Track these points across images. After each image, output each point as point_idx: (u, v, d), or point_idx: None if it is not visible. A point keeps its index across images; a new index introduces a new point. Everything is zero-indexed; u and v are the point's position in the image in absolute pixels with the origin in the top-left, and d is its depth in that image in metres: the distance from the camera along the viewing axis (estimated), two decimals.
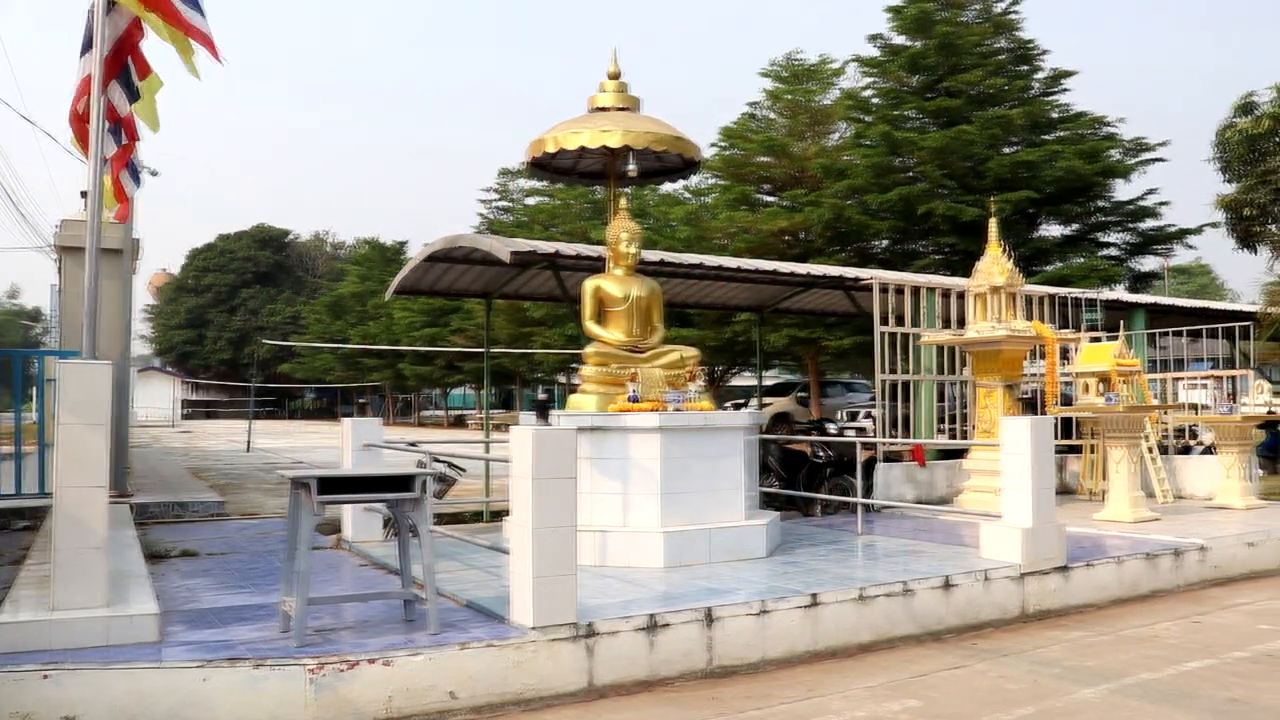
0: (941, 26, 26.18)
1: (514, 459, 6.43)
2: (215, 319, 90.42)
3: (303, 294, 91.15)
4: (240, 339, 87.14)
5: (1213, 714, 5.76)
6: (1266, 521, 11.40)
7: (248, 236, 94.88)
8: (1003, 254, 12.41)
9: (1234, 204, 22.20)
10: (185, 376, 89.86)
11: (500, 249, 11.43)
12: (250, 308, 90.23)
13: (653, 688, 6.32)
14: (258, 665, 5.54)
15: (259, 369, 59.29)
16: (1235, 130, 22.10)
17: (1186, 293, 59.36)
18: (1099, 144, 26.47)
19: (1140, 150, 27.26)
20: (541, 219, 43.36)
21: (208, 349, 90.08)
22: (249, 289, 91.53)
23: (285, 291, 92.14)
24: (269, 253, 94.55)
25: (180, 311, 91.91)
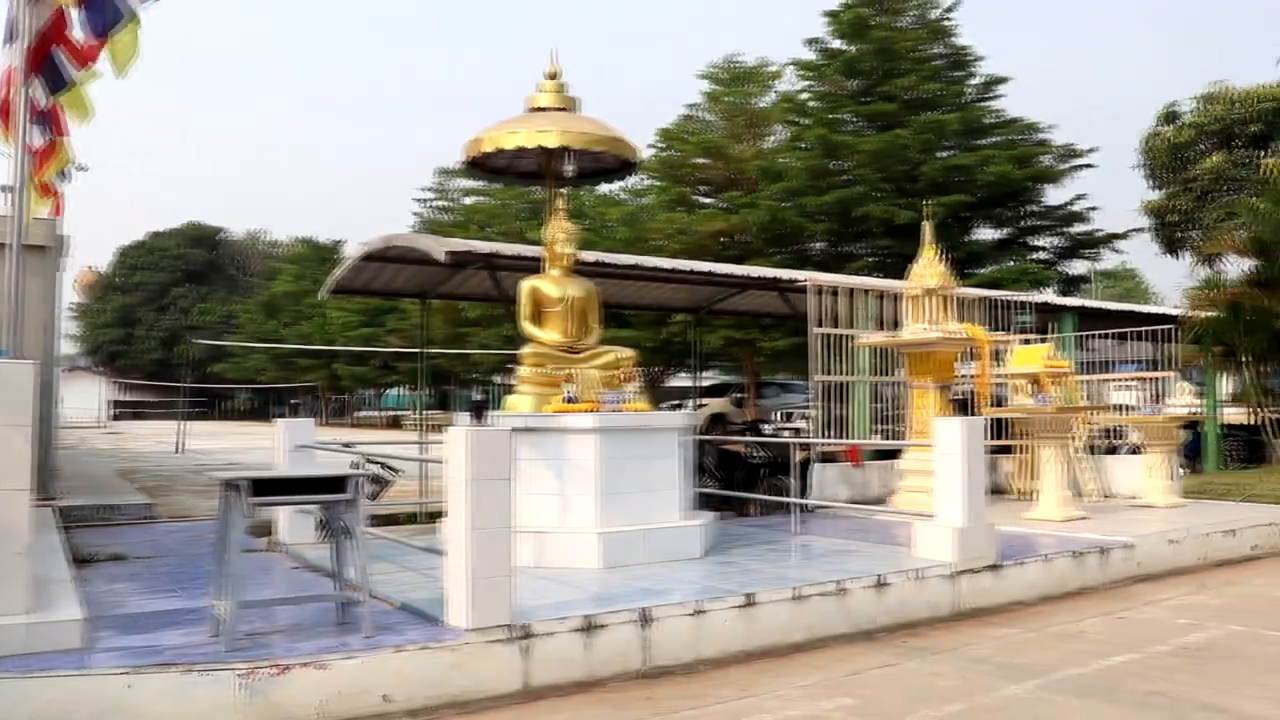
0: (878, 31, 26.48)
1: (449, 460, 6.40)
2: (145, 318, 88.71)
3: (236, 293, 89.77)
4: (171, 338, 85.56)
5: (1136, 707, 5.88)
6: (1188, 519, 11.67)
7: (179, 234, 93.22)
8: (937, 257, 12.56)
9: (1159, 210, 22.75)
10: (114, 376, 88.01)
11: (436, 249, 11.35)
12: (181, 307, 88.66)
13: (589, 688, 6.32)
14: (186, 671, 5.45)
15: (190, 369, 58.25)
16: (1160, 139, 22.66)
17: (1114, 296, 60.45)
18: (1030, 150, 26.95)
19: (1070, 156, 27.79)
20: (479, 219, 43.17)
21: (137, 349, 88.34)
22: (180, 288, 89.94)
23: (218, 290, 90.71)
24: (201, 251, 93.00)
25: (109, 310, 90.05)
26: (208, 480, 17.86)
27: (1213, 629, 7.82)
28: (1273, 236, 17.42)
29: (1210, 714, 5.74)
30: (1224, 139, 21.85)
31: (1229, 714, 5.73)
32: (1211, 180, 21.13)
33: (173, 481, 19.92)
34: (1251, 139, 21.46)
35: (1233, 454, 20.07)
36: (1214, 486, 14.94)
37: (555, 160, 10.11)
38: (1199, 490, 14.51)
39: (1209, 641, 7.44)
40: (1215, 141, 21.93)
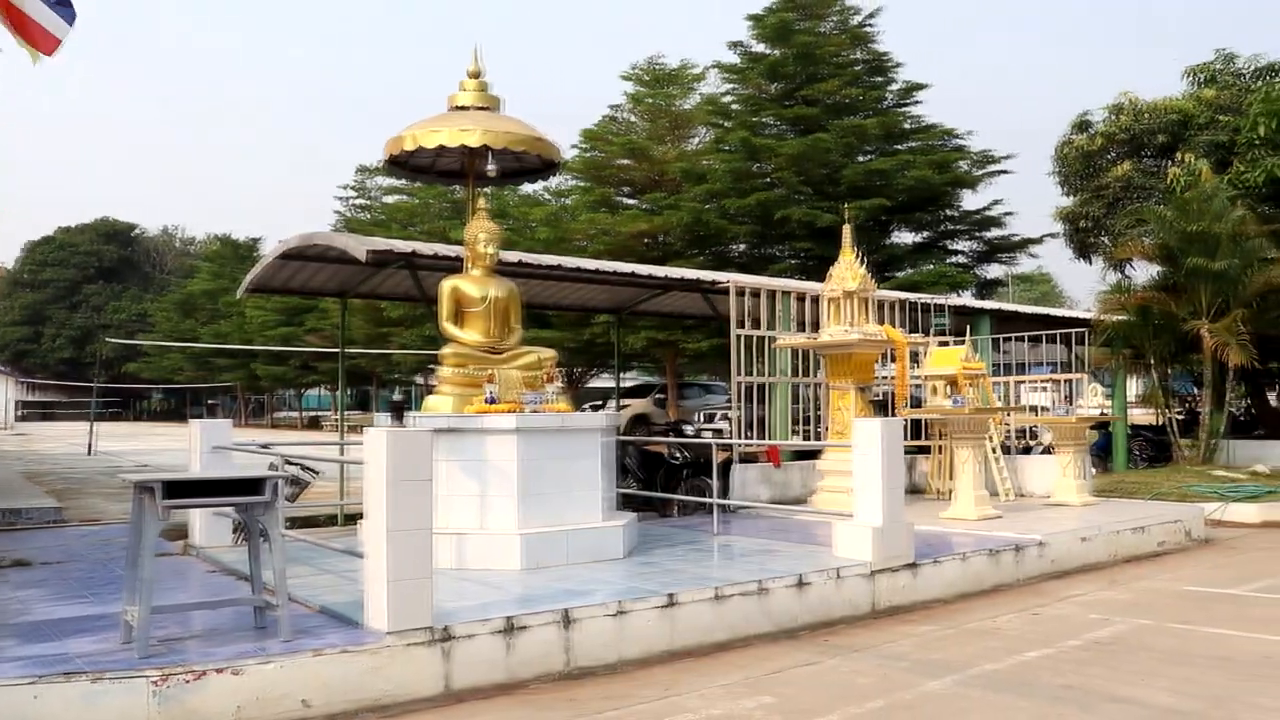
0: (801, 36, 26.71)
1: (368, 461, 6.33)
2: (55, 316, 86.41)
3: (150, 291, 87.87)
4: (83, 337, 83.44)
5: (1049, 700, 6.01)
6: (1099, 517, 11.96)
7: (90, 230, 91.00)
8: (856, 260, 12.71)
9: (1071, 216, 23.22)
10: (21, 376, 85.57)
11: (356, 247, 11.23)
12: (93, 304, 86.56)
13: (511, 690, 6.29)
14: (96, 679, 5.31)
15: (102, 368, 56.90)
16: (1073, 146, 23.13)
17: (1029, 300, 61.76)
18: (948, 155, 27.39)
19: (987, 162, 28.33)
20: (400, 218, 42.71)
21: (46, 347, 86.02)
22: (92, 285, 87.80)
23: (131, 288, 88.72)
24: (114, 247, 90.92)
25: (16, 308, 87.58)
26: (120, 483, 17.44)
27: (1122, 623, 8.02)
28: (1178, 243, 17.89)
29: (1119, 705, 5.89)
30: (1133, 148, 22.37)
31: (1137, 705, 5.89)
32: (1121, 188, 21.61)
33: (83, 484, 19.43)
34: (1158, 149, 22.01)
35: (1141, 453, 20.58)
36: (1123, 485, 15.32)
37: (477, 159, 10.05)
38: (1109, 489, 14.87)
39: (1118, 635, 7.64)
40: (1124, 150, 22.44)
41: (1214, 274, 17.30)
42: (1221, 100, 21.69)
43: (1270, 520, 13.98)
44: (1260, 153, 20.08)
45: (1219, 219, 17.55)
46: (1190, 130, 21.58)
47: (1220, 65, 23.02)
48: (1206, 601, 8.97)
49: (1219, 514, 13.86)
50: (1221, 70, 22.92)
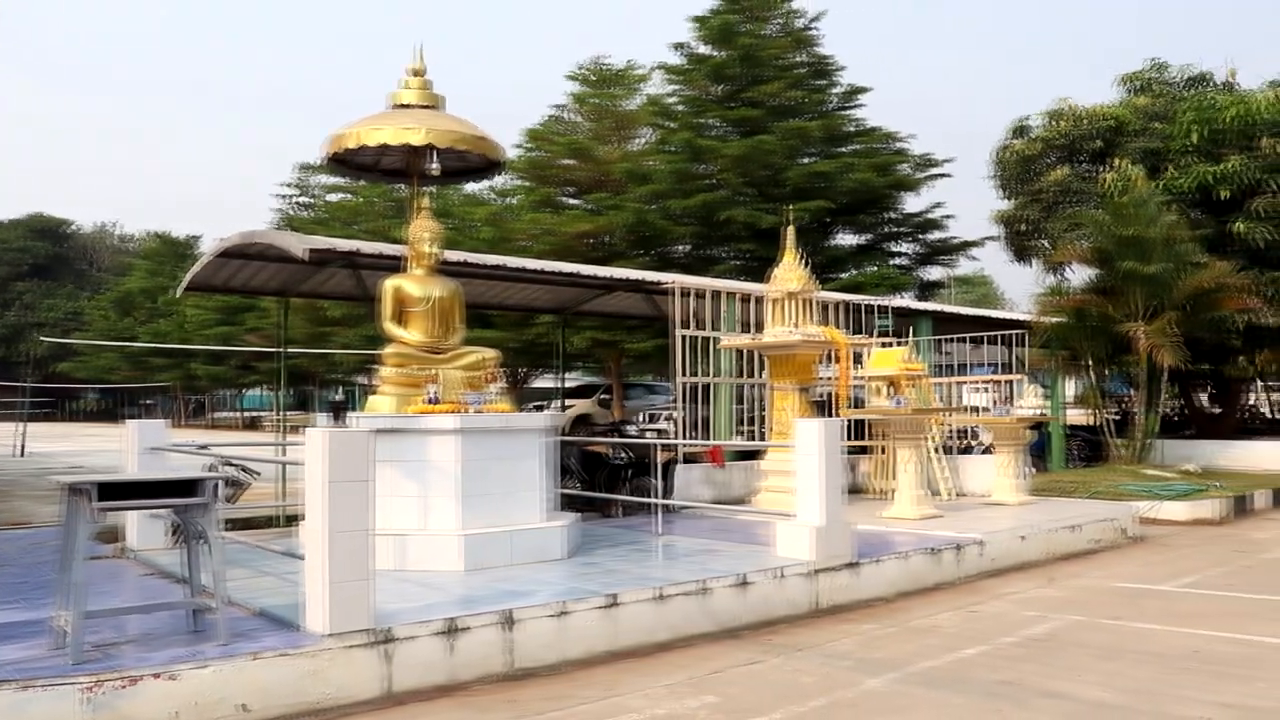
0: (744, 38, 26.84)
1: (308, 462, 6.27)
2: None
3: (85, 289, 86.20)
4: (14, 335, 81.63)
5: (985, 696, 6.10)
6: (1035, 516, 12.15)
7: (22, 225, 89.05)
8: (798, 261, 12.81)
9: (1010, 219, 23.58)
10: None
11: (297, 246, 11.13)
12: (25, 302, 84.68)
13: (452, 692, 6.27)
14: (25, 686, 5.20)
15: (34, 368, 55.79)
16: (1010, 151, 23.48)
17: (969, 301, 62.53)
18: (890, 158, 27.66)
19: (928, 165, 28.66)
20: (343, 216, 42.28)
21: None
22: (24, 282, 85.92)
23: (66, 286, 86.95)
24: (47, 244, 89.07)
25: None
26: (51, 484, 17.12)
27: (1056, 620, 8.16)
28: (1113, 247, 18.22)
29: (1052, 700, 5.99)
30: (1069, 153, 22.77)
31: (1069, 700, 5.99)
32: (1058, 192, 21.97)
33: (12, 486, 19.03)
34: (1094, 154, 22.41)
35: (1077, 453, 20.93)
36: (1059, 484, 15.58)
37: (420, 158, 9.99)
38: (1046, 488, 15.11)
39: (1053, 632, 7.77)
40: (1061, 155, 22.83)
41: (1147, 277, 17.64)
42: (1154, 108, 22.15)
43: (1199, 518, 14.30)
44: (1191, 160, 20.54)
45: (1152, 224, 17.91)
46: (1124, 137, 22.01)
47: (1153, 74, 23.50)
48: (1137, 598, 9.15)
49: (1151, 512, 14.15)
50: (1154, 79, 23.40)
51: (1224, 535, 13.18)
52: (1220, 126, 20.27)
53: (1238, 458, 19.68)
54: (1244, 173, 19.83)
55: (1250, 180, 19.86)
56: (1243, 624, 7.96)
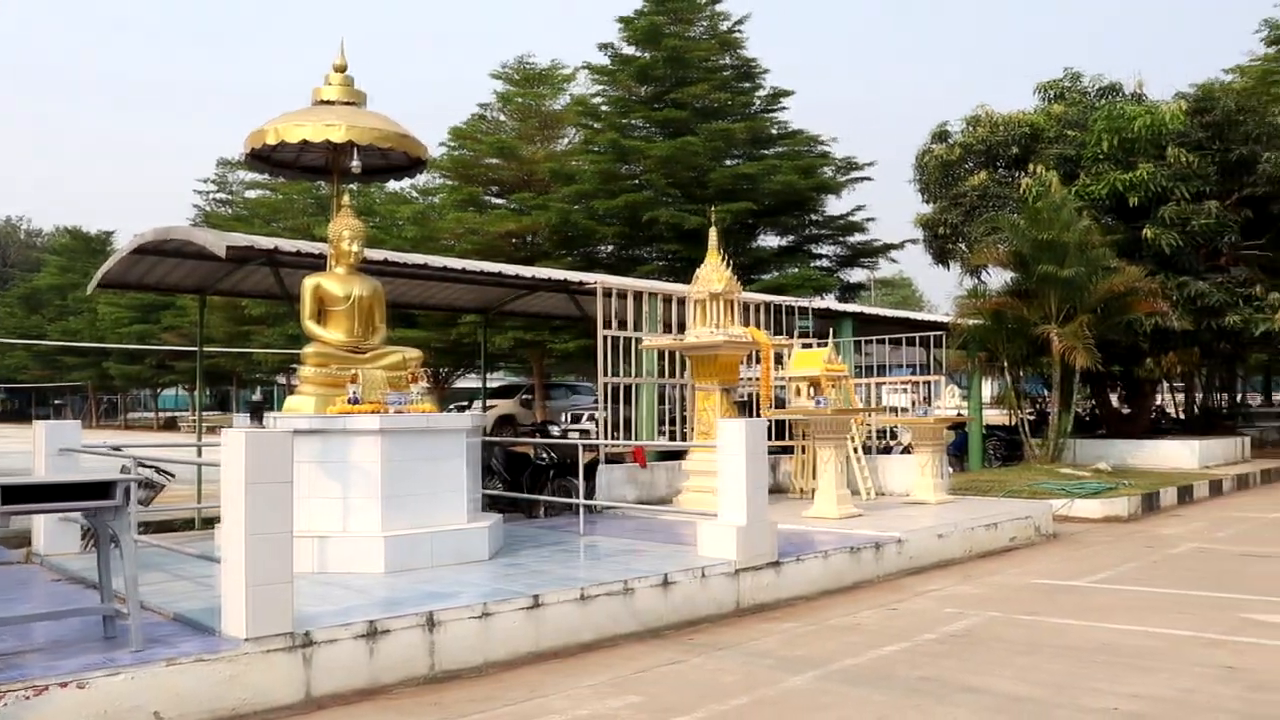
0: (670, 40, 26.95)
1: (226, 463, 6.16)
2: None
3: None
4: None
5: (906, 692, 6.19)
6: (954, 515, 12.35)
7: None
8: (722, 262, 12.88)
9: (931, 223, 23.96)
10: None
11: (215, 243, 10.94)
12: None
13: (374, 696, 6.20)
14: None
15: None
16: (932, 156, 23.86)
17: (890, 303, 63.35)
18: (813, 161, 27.98)
19: (850, 169, 29.03)
20: (263, 213, 41.65)
21: None
22: None
23: None
24: None
25: None
26: None
27: (975, 616, 8.30)
28: (1030, 251, 18.60)
29: (971, 695, 6.09)
30: (988, 159, 23.18)
31: (987, 694, 6.10)
32: (977, 197, 22.35)
33: None
34: (1012, 160, 22.84)
35: (995, 453, 21.33)
36: (978, 483, 15.85)
37: (342, 155, 9.86)
38: (965, 487, 15.37)
39: (971, 628, 7.90)
40: (981, 161, 23.23)
41: (1062, 281, 18.03)
42: (1069, 116, 22.65)
43: (1111, 515, 14.65)
44: (1103, 167, 21.05)
45: (1067, 228, 18.30)
46: (1041, 143, 22.47)
47: (1068, 83, 24.03)
48: (1052, 593, 9.34)
49: (1066, 510, 14.47)
50: (1069, 88, 23.93)
51: (1134, 532, 13.52)
52: (1131, 135, 20.79)
53: (1147, 457, 20.21)
54: (1153, 181, 20.37)
55: (1159, 188, 20.40)
56: (1150, 617, 8.17)
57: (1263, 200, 21.59)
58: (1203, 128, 21.39)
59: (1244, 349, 23.53)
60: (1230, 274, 21.20)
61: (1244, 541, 12.52)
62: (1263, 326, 20.31)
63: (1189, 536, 13.01)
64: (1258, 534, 13.20)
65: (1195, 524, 14.24)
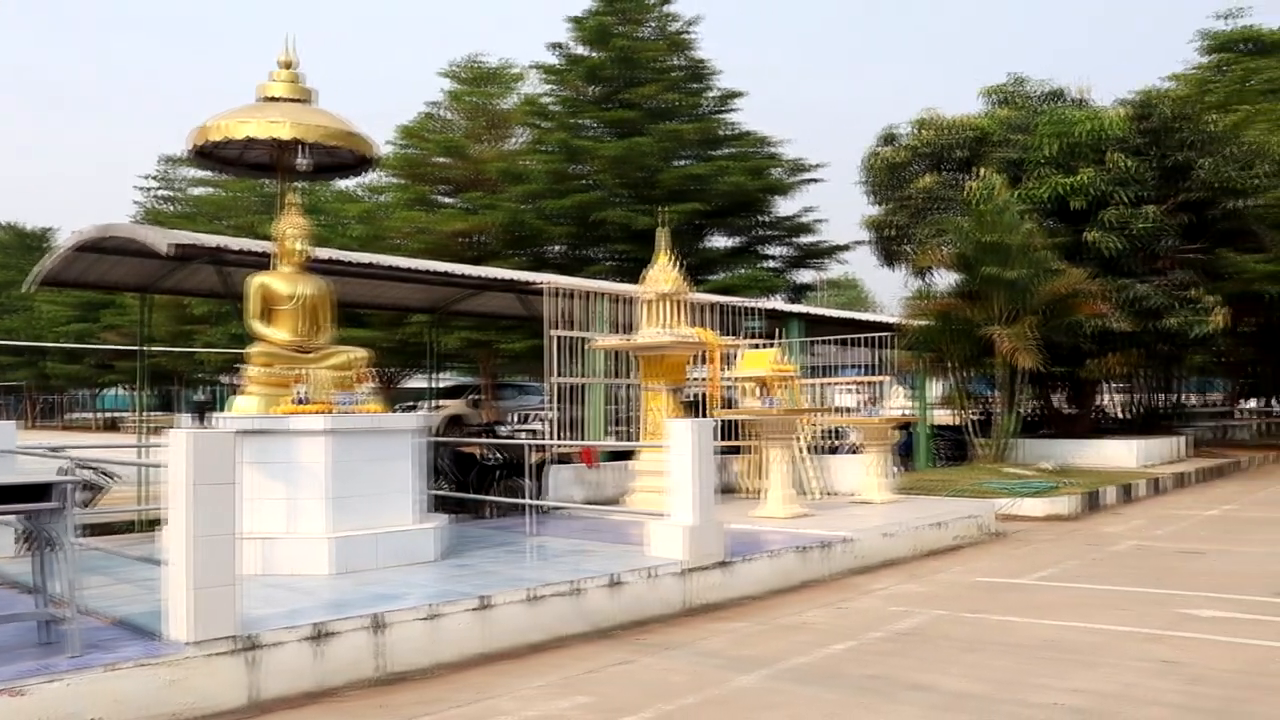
0: (620, 40, 26.97)
1: (170, 464, 6.07)
2: None
3: None
4: None
5: (853, 691, 6.23)
6: (901, 514, 12.45)
7: None
8: (672, 263, 12.90)
9: (878, 224, 24.17)
10: None
11: (159, 241, 10.79)
12: None
13: (321, 699, 6.14)
14: None
15: None
16: (879, 158, 24.06)
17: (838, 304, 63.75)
18: (763, 162, 28.12)
19: (799, 170, 29.20)
20: (208, 211, 41.17)
21: None
22: None
23: None
24: None
25: None
26: None
27: (921, 615, 8.38)
28: (975, 253, 18.82)
29: (918, 692, 6.15)
30: (935, 161, 23.40)
31: (934, 691, 6.16)
32: (924, 199, 22.55)
33: None
34: (958, 163, 23.07)
35: (941, 452, 21.53)
36: (925, 483, 16.00)
37: (288, 153, 9.74)
38: (912, 487, 15.51)
39: (918, 626, 7.98)
40: (927, 163, 23.44)
41: (1007, 283, 18.25)
42: (1015, 120, 22.94)
43: (1054, 514, 14.86)
44: (1048, 171, 21.35)
45: (1011, 231, 18.54)
46: (987, 147, 22.74)
47: (1013, 87, 24.35)
48: (997, 591, 9.46)
49: (1011, 509, 14.65)
50: (1014, 92, 24.25)
51: (1077, 530, 13.72)
52: (1075, 140, 21.11)
53: (1090, 456, 20.51)
54: (1095, 185, 20.70)
55: (1100, 192, 20.74)
56: (1092, 614, 8.30)
57: (1200, 205, 22.03)
58: (1142, 134, 21.78)
59: (1183, 350, 23.96)
60: (1169, 277, 21.59)
61: (1182, 539, 12.75)
62: (1200, 328, 20.70)
63: (1129, 534, 13.22)
64: (1195, 531, 13.45)
65: (1135, 522, 14.48)
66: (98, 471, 11.28)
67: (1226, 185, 21.58)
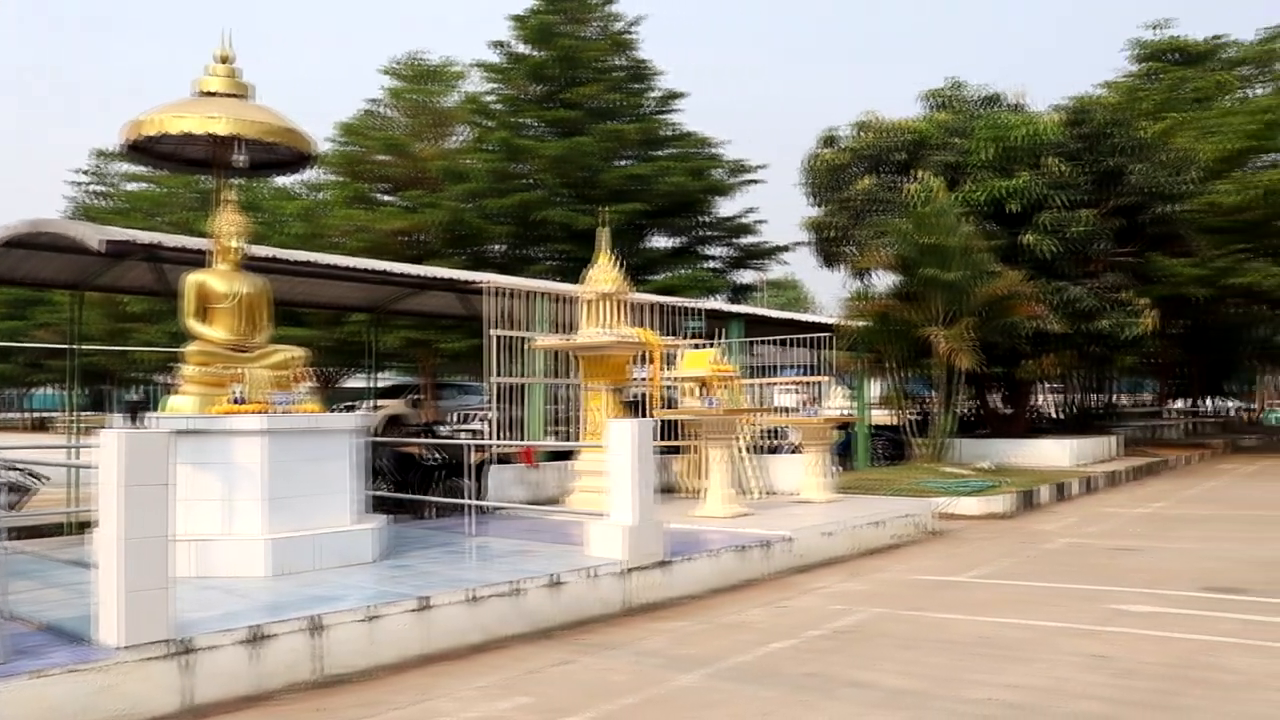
0: (563, 39, 26.94)
1: (102, 465, 5.96)
2: None
3: None
4: None
5: (793, 688, 6.28)
6: (841, 513, 12.55)
7: None
8: (613, 263, 12.91)
9: (819, 226, 24.34)
10: None
11: (92, 237, 10.59)
12: None
13: (257, 703, 6.07)
14: None
15: None
16: (820, 160, 24.23)
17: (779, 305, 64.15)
18: (704, 163, 28.23)
19: (741, 171, 29.34)
20: (144, 207, 40.38)
21: None
22: None
23: None
24: None
25: None
26: None
27: (861, 613, 8.46)
28: (914, 254, 19.03)
29: (856, 690, 6.21)
30: (875, 164, 23.59)
31: (872, 688, 6.23)
32: (864, 201, 22.73)
33: None
34: (898, 166, 23.29)
35: (881, 452, 21.76)
36: (864, 482, 16.15)
37: (226, 149, 9.60)
38: (851, 486, 15.64)
39: (857, 624, 8.05)
40: (867, 165, 23.64)
41: (946, 284, 18.48)
42: (954, 124, 23.23)
43: (991, 512, 15.07)
44: (986, 174, 21.65)
45: (951, 233, 18.77)
46: (926, 150, 23.00)
47: (951, 91, 24.65)
48: (935, 589, 9.58)
49: (948, 507, 14.84)
50: (952, 96, 24.55)
51: (1013, 528, 13.92)
52: (1012, 144, 21.43)
53: (1026, 455, 20.83)
54: (1032, 188, 21.03)
55: (1037, 195, 21.07)
56: (1026, 610, 8.43)
57: (1132, 210, 22.47)
58: (1077, 139, 22.16)
59: (1115, 351, 24.42)
60: (1102, 280, 22.01)
61: (1114, 536, 12.99)
62: (1132, 330, 21.12)
63: (1063, 532, 13.44)
64: (1126, 529, 13.71)
65: (1069, 520, 14.72)
66: (25, 473, 11.07)
67: (1157, 190, 22.06)
